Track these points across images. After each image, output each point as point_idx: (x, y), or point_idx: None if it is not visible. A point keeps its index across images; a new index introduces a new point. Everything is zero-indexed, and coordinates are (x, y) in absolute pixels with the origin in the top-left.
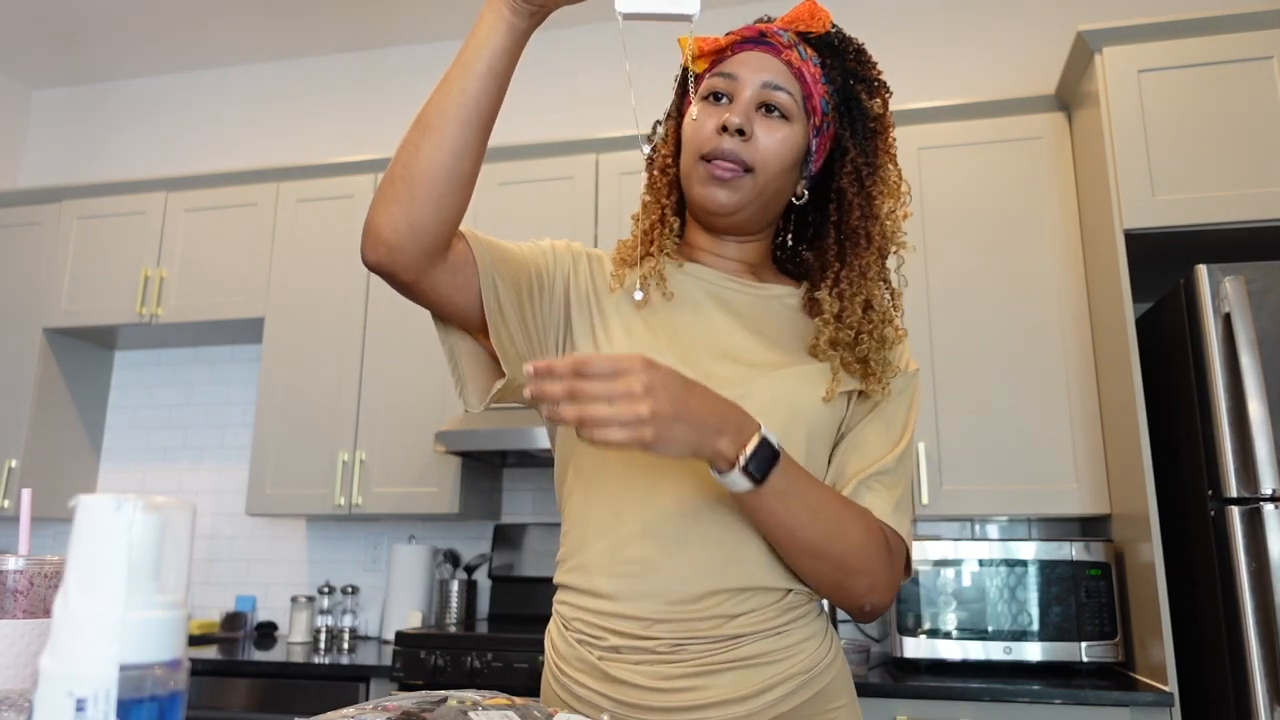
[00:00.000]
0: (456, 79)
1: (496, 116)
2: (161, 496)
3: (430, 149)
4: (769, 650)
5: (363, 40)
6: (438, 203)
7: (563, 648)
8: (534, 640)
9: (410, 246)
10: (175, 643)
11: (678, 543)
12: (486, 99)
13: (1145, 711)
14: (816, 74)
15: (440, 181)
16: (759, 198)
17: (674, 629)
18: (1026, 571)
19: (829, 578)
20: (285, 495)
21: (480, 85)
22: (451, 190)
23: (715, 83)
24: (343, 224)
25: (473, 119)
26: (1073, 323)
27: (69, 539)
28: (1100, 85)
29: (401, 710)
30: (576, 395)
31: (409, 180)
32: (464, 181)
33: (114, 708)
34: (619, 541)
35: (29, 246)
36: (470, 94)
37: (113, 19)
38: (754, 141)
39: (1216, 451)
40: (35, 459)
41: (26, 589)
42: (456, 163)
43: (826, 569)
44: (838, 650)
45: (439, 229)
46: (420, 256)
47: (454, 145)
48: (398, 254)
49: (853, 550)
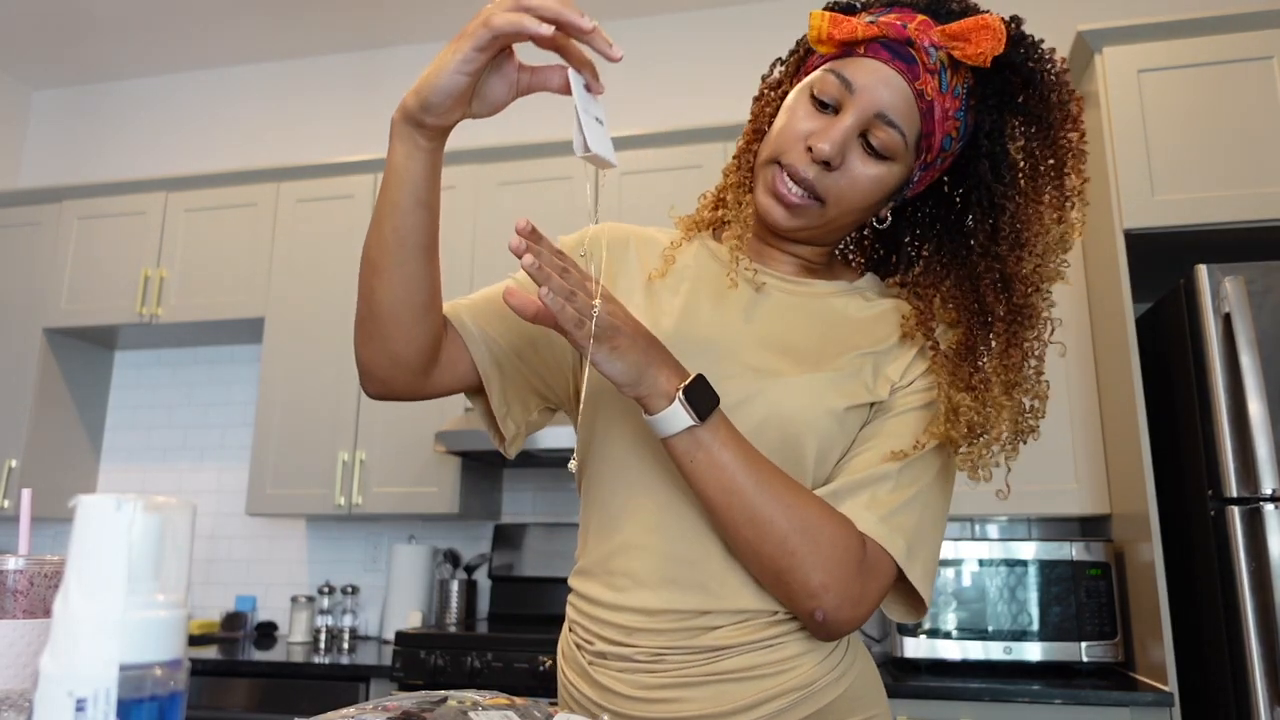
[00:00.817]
0: (387, 217)
1: (438, 238)
2: (161, 496)
3: (383, 290)
4: (755, 665)
5: (362, 40)
6: (407, 335)
7: (567, 649)
8: (534, 640)
9: (400, 375)
10: (175, 643)
11: (664, 558)
12: (422, 231)
13: (1145, 711)
14: (953, 107)
15: (403, 316)
16: (824, 227)
17: (653, 638)
18: (1026, 571)
19: (770, 562)
20: (285, 495)
21: (412, 220)
22: (415, 320)
23: (827, 82)
24: (342, 224)
25: (414, 253)
26: (1073, 322)
27: (69, 539)
28: (1100, 85)
29: (401, 710)
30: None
31: (375, 320)
32: (425, 309)
33: (114, 708)
34: (612, 551)
35: (29, 246)
36: (404, 231)
37: (113, 19)
38: (839, 174)
39: (1216, 451)
40: (35, 459)
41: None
42: (412, 296)
43: (768, 549)
44: (853, 663)
45: (418, 354)
46: (412, 380)
47: (404, 282)
48: (391, 384)
49: (802, 531)
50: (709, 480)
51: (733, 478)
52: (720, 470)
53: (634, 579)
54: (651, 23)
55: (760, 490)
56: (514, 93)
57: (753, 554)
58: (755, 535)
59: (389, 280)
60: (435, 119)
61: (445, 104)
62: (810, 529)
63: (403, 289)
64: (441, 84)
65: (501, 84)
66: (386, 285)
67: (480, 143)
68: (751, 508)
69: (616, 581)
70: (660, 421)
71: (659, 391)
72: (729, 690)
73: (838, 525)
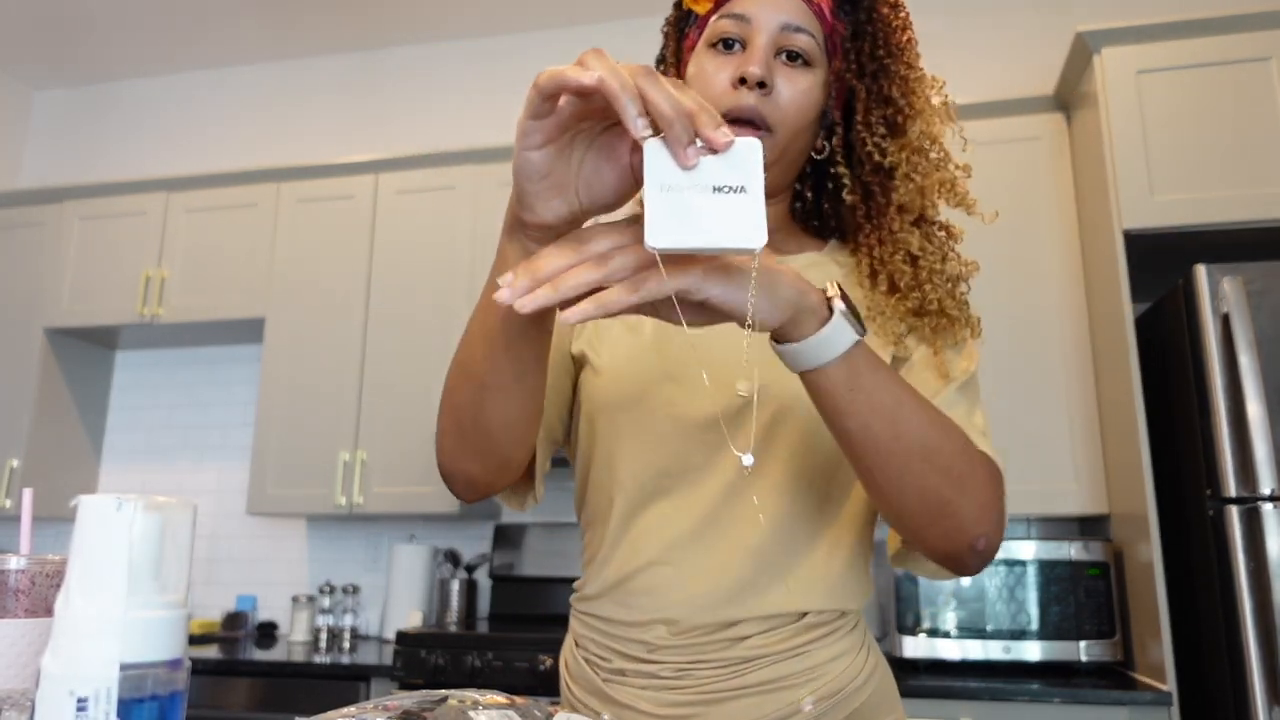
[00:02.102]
0: (500, 337)
1: (551, 348)
2: (162, 496)
3: (496, 407)
4: (786, 674)
5: (363, 40)
6: (523, 439)
7: (573, 667)
8: (534, 640)
9: (506, 479)
10: (176, 642)
11: (689, 574)
12: (538, 347)
13: (1144, 710)
14: (828, 5)
15: (520, 426)
16: (782, 159)
17: (679, 654)
18: (1026, 571)
19: (936, 493)
20: (286, 495)
21: (528, 336)
22: (533, 426)
23: (724, 25)
24: (343, 224)
25: (532, 369)
26: (1072, 323)
27: (70, 539)
28: (1099, 86)
29: (402, 709)
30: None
31: (485, 432)
32: (540, 410)
33: (115, 707)
34: (632, 571)
35: (30, 247)
36: (519, 349)
37: (114, 20)
38: (775, 95)
39: (1215, 451)
40: (36, 459)
41: (28, 588)
42: (531, 405)
43: (935, 482)
44: (875, 666)
45: (526, 459)
46: (514, 476)
47: (521, 394)
48: (496, 487)
49: (964, 451)
50: (875, 407)
51: (899, 399)
52: (886, 391)
53: (656, 598)
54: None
55: (921, 409)
56: (630, 179)
57: (917, 488)
58: (925, 464)
59: (503, 398)
60: (533, 214)
61: (535, 192)
62: (967, 448)
63: (519, 404)
64: (519, 167)
65: (610, 170)
66: (500, 403)
67: (480, 143)
68: (923, 433)
69: (637, 602)
70: (817, 346)
71: (811, 308)
72: (759, 703)
73: (969, 440)
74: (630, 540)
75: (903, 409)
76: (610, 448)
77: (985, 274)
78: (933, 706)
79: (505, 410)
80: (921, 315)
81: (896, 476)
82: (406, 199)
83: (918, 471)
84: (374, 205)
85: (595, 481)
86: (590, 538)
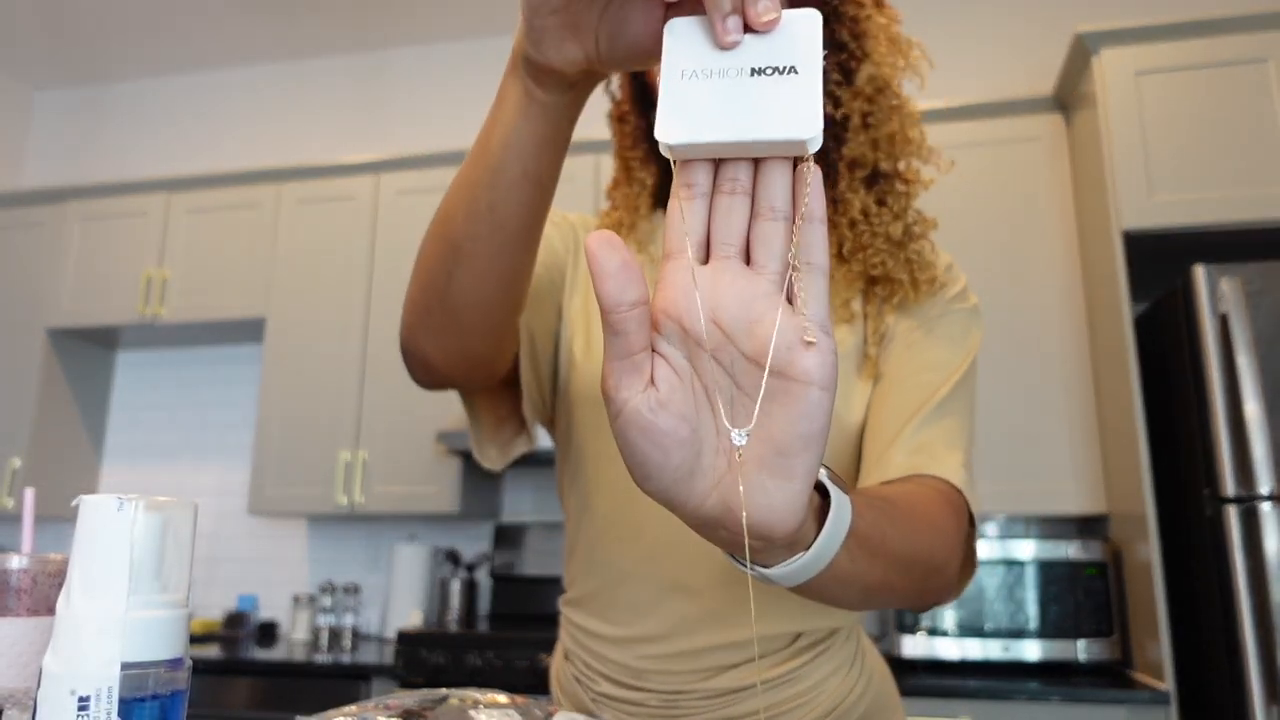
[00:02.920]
0: (484, 188)
1: (544, 223)
2: (163, 496)
3: (468, 282)
4: (778, 701)
5: (364, 41)
6: (491, 332)
7: (564, 681)
8: (535, 639)
9: (468, 372)
10: (177, 642)
11: (666, 588)
12: (528, 214)
13: (1143, 709)
14: None
15: (492, 315)
16: None
17: (665, 681)
18: (1024, 570)
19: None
20: (287, 495)
21: (517, 198)
22: (507, 318)
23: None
24: (344, 225)
25: (515, 241)
26: (1071, 323)
27: (72, 538)
28: (1098, 87)
29: (403, 708)
30: None
31: (451, 314)
32: (516, 304)
33: (116, 706)
34: (610, 580)
35: (31, 247)
36: (505, 211)
37: (115, 20)
38: None
39: (1214, 451)
40: (38, 458)
41: (30, 588)
42: (505, 293)
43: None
44: (872, 674)
45: (495, 352)
46: (478, 374)
47: (497, 274)
48: (453, 379)
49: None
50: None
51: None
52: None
53: (636, 613)
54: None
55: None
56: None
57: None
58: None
59: (477, 271)
60: (540, 54)
61: (545, 27)
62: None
63: (494, 286)
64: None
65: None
66: (473, 277)
67: None
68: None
69: (617, 616)
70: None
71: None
72: None
73: (946, 507)
74: (609, 547)
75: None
76: (591, 443)
77: (983, 274)
78: (932, 706)
79: (476, 287)
80: (873, 282)
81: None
82: (407, 199)
83: (882, 601)
84: (375, 205)
85: (574, 473)
86: (571, 530)
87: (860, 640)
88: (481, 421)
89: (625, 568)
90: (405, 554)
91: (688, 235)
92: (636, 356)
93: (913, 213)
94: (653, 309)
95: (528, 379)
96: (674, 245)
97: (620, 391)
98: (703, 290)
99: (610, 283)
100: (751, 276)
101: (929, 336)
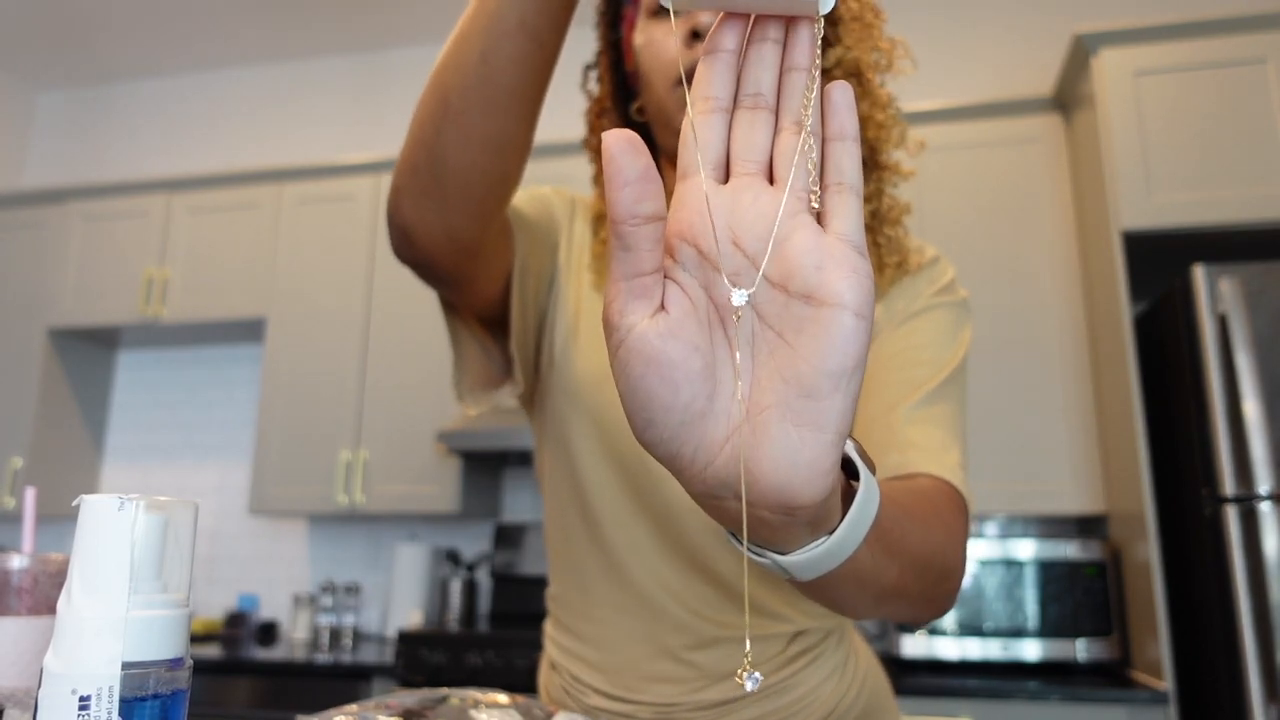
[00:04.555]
0: (479, 32)
1: (546, 90)
2: (164, 496)
3: (455, 141)
4: (771, 710)
5: (364, 41)
6: (474, 208)
7: (554, 691)
8: (535, 639)
9: (449, 253)
10: (178, 641)
11: (656, 601)
12: (521, 71)
13: (1142, 709)
14: None
15: (476, 185)
16: None
17: (656, 693)
18: (1024, 570)
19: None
20: (287, 494)
21: (511, 50)
22: (492, 192)
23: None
24: (344, 225)
25: (506, 102)
26: (1070, 323)
27: (73, 538)
28: (1097, 87)
29: (403, 708)
30: None
31: (437, 177)
32: (504, 180)
33: (117, 706)
34: (589, 581)
35: (33, 247)
36: (498, 62)
37: (116, 21)
38: None
39: (1213, 451)
40: (39, 458)
41: (31, 587)
42: (492, 161)
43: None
44: (866, 676)
45: (481, 235)
46: (461, 261)
47: (484, 138)
48: (434, 257)
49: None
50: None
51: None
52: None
53: (621, 610)
54: None
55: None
56: None
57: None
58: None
59: (465, 129)
60: None
61: None
62: (949, 528)
63: (480, 151)
64: None
65: None
66: (460, 135)
67: None
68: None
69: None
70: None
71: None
72: None
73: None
74: (593, 545)
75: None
76: (570, 435)
77: (983, 274)
78: (932, 705)
79: (464, 147)
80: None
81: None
82: None
83: (891, 609)
84: (375, 205)
85: (554, 464)
86: (548, 532)
87: (852, 641)
88: (465, 353)
89: (605, 566)
90: (405, 554)
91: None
92: (646, 278)
93: (887, 198)
94: (666, 233)
95: (517, 313)
96: (688, 165)
97: (625, 316)
98: (721, 210)
99: (627, 191)
100: (775, 194)
101: (917, 330)
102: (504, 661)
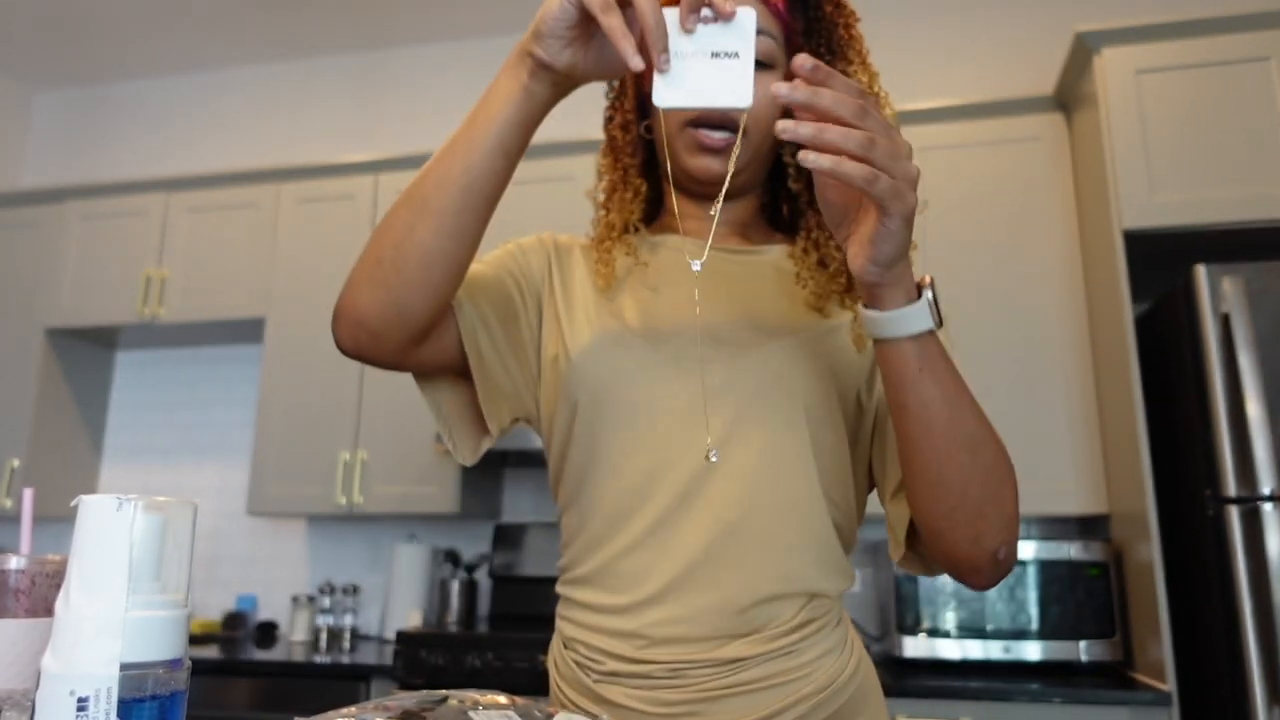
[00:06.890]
0: (461, 154)
1: (500, 196)
2: (163, 496)
3: (426, 232)
4: (778, 672)
5: (364, 41)
6: (431, 289)
7: (564, 669)
8: (535, 640)
9: (395, 333)
10: (176, 642)
11: (673, 557)
12: (493, 180)
13: (1144, 710)
14: (781, 3)
15: (436, 267)
16: (754, 160)
17: (670, 651)
18: (1026, 571)
19: (977, 491)
20: (286, 495)
21: (487, 164)
22: (447, 277)
23: None
24: (343, 225)
25: (476, 203)
26: (1072, 323)
27: (71, 538)
28: (1099, 86)
29: (402, 709)
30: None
31: (399, 263)
32: (460, 267)
33: (115, 707)
34: (615, 554)
35: (31, 247)
36: (475, 174)
37: (114, 20)
38: None
39: (1215, 451)
40: (37, 458)
41: (28, 588)
42: (456, 249)
43: (974, 479)
44: (860, 661)
45: (428, 315)
46: (405, 341)
47: (454, 230)
48: (381, 340)
49: (1001, 457)
50: (937, 390)
51: (959, 389)
52: (950, 379)
53: (641, 581)
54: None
55: (975, 406)
56: (623, 69)
57: (959, 481)
58: (969, 457)
59: (435, 223)
60: (546, 53)
61: (557, 33)
62: (1006, 457)
63: (449, 237)
64: (552, 10)
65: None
66: (431, 228)
67: None
68: (974, 427)
69: (621, 585)
70: (899, 319)
71: (906, 283)
72: (752, 700)
73: (1009, 456)
74: (615, 523)
75: (961, 399)
76: (593, 431)
77: (984, 274)
78: (932, 706)
79: (432, 237)
80: (850, 291)
81: (941, 464)
82: None
83: (961, 464)
84: (374, 205)
85: (575, 461)
86: (569, 519)
87: (849, 628)
88: (448, 414)
89: (632, 539)
90: (405, 554)
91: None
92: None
93: None
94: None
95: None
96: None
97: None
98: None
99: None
100: None
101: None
102: (503, 663)
